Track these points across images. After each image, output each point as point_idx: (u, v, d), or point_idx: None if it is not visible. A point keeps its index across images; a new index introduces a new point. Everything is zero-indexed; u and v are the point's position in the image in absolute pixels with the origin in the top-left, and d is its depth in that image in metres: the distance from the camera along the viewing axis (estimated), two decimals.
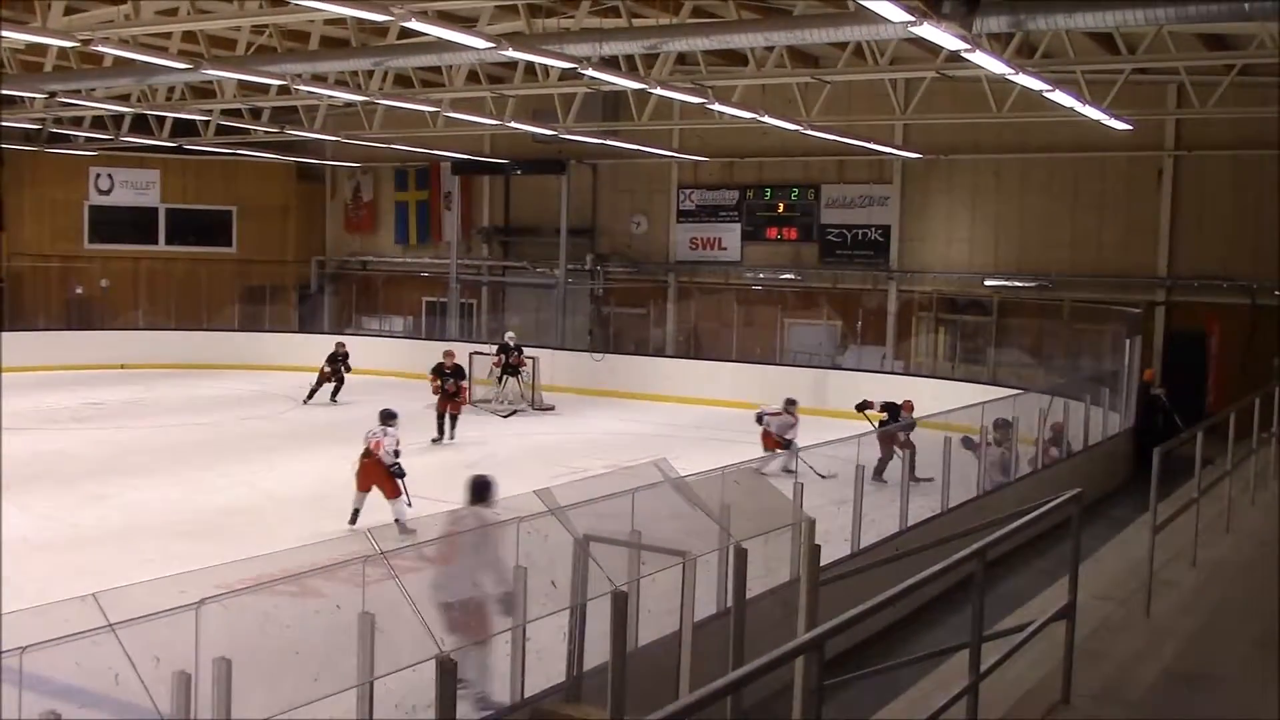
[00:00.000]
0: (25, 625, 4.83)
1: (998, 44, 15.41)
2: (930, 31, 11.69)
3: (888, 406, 17.88)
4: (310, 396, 24.49)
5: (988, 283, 26.10)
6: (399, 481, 13.56)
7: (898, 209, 27.30)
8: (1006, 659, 5.67)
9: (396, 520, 13.04)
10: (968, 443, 14.86)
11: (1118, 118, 19.89)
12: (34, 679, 4.69)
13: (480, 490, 8.51)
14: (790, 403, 18.55)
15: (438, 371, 20.71)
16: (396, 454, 13.65)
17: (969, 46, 12.89)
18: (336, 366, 24.81)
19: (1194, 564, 9.25)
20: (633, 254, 30.73)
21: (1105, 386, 19.56)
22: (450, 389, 20.41)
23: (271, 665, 5.75)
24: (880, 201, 27.54)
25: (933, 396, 20.29)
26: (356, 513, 13.62)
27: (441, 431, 20.23)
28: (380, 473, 13.58)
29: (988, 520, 6.18)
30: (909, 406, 17.67)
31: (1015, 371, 23.49)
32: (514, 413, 23.23)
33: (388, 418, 14.21)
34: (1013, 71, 15.44)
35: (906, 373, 25.48)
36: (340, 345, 25.34)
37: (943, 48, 13.95)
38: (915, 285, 27.19)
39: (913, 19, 11.08)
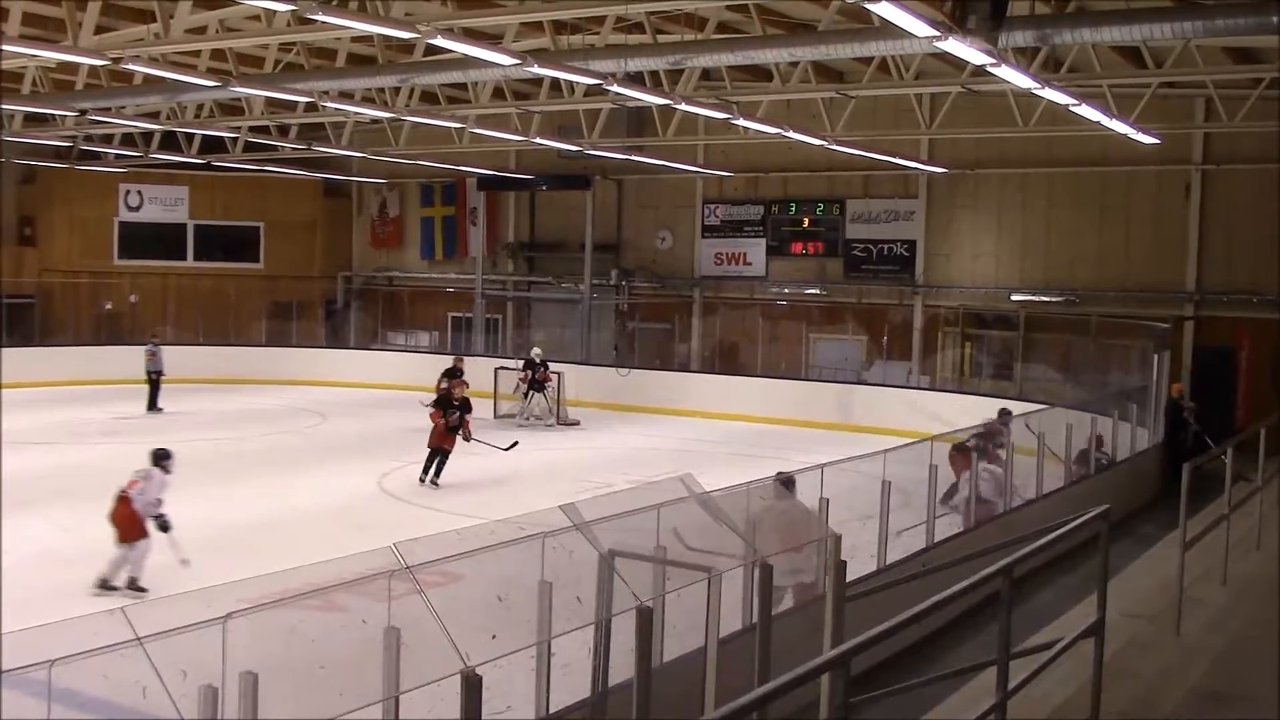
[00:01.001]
0: (53, 639, 4.86)
1: (1023, 58, 15.38)
2: (955, 46, 11.66)
3: (992, 428, 15.49)
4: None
5: (1014, 297, 25.99)
6: (148, 530, 11.84)
7: (923, 224, 27.23)
8: (1034, 677, 5.63)
9: (113, 572, 11.53)
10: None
11: (1145, 132, 19.80)
12: (62, 692, 4.72)
13: (787, 484, 9.99)
14: (1005, 414, 16.14)
15: (443, 404, 18.29)
16: (159, 502, 11.96)
17: (994, 61, 12.87)
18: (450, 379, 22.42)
19: (1224, 581, 9.17)
20: (658, 269, 30.75)
21: (1133, 402, 19.42)
22: (452, 422, 17.94)
23: (297, 679, 5.76)
24: (906, 216, 27.48)
25: (960, 411, 20.20)
26: (106, 580, 11.75)
27: (428, 470, 17.67)
28: (126, 516, 11.79)
29: (1015, 537, 6.14)
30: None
31: (1042, 387, 23.36)
32: (515, 445, 19.83)
33: (160, 458, 12.30)
34: (1039, 86, 15.40)
35: (932, 388, 25.40)
36: (458, 360, 23.57)
37: (968, 62, 13.93)
38: (941, 300, 27.10)
39: (938, 34, 11.06)
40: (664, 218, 30.82)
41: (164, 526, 11.95)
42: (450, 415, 17.95)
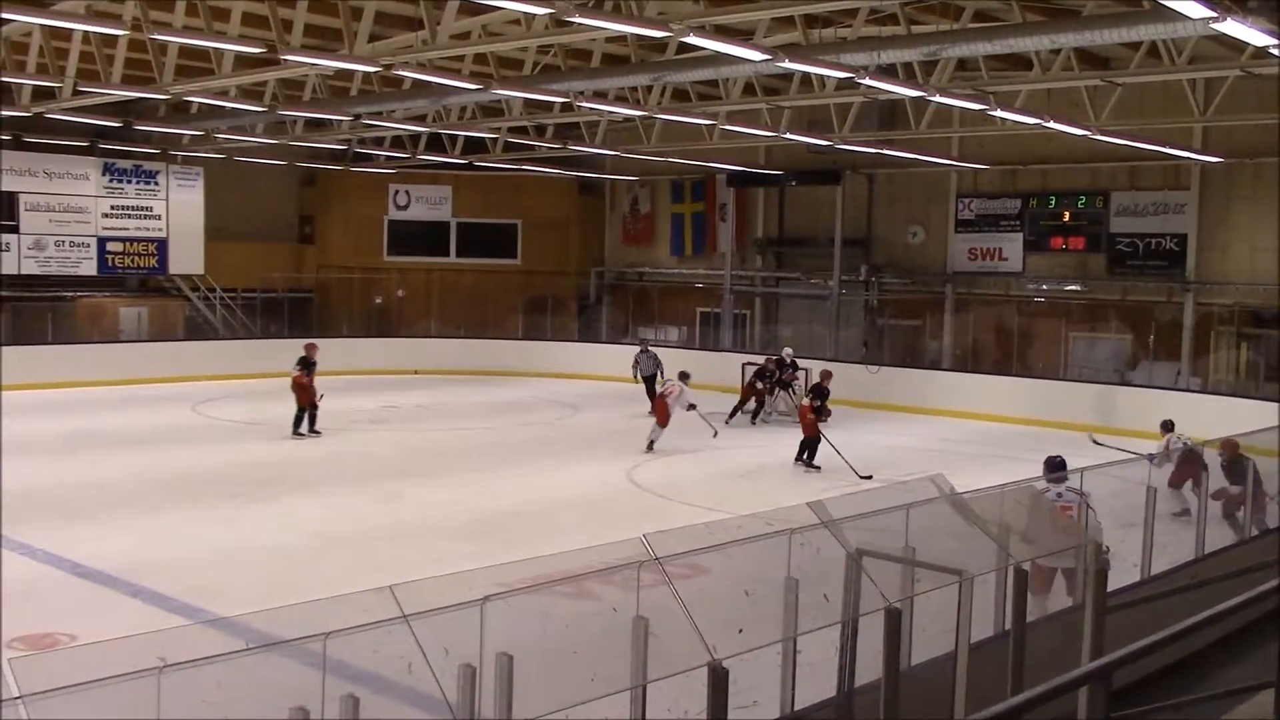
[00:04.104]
0: (328, 613, 5.18)
1: None
2: (1234, 27, 11.00)
3: None
4: (754, 416, 23.53)
5: None
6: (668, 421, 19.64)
7: (1195, 216, 25.72)
8: None
9: (651, 441, 19.49)
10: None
11: None
12: (335, 664, 5.01)
13: (1056, 466, 10.52)
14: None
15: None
16: (691, 406, 20.12)
17: (1278, 42, 12.04)
18: (764, 381, 23.41)
19: None
20: (908, 265, 30.17)
21: None
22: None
23: (549, 662, 5.94)
24: (1176, 209, 26.03)
25: (1232, 417, 19.01)
26: (653, 443, 19.52)
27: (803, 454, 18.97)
28: (664, 408, 19.97)
29: None
30: None
31: None
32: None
33: (684, 376, 20.45)
34: None
35: (1204, 390, 23.98)
36: (775, 358, 23.88)
37: (1248, 44, 13.08)
38: (1214, 298, 25.53)
39: (1215, 15, 10.46)
40: (915, 212, 30.20)
41: (693, 407, 20.10)
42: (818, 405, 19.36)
